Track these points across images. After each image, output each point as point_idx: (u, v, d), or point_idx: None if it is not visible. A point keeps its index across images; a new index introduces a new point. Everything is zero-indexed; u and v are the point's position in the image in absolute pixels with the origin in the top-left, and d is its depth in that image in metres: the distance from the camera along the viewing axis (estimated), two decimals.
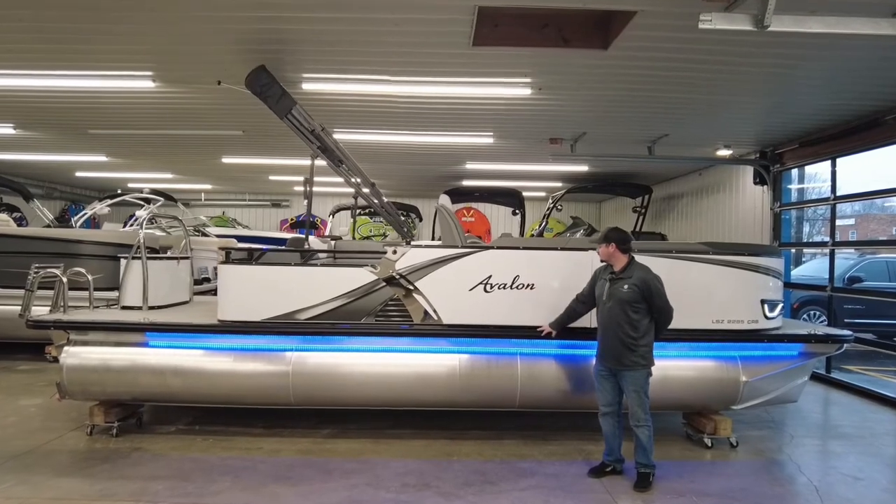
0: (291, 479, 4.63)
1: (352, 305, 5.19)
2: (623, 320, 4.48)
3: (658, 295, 4.46)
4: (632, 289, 4.46)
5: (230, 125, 9.22)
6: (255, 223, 19.20)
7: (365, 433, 5.68)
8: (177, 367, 5.36)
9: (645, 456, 4.55)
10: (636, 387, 4.50)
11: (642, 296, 4.45)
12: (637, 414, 4.51)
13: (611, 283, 4.60)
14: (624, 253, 4.60)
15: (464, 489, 4.47)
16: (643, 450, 4.55)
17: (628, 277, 4.51)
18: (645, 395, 4.51)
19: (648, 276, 4.50)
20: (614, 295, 4.54)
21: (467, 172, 13.10)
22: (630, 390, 4.53)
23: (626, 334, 4.47)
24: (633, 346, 4.47)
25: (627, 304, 4.47)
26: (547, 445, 5.44)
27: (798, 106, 7.52)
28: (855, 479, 4.73)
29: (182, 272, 7.02)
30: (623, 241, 4.60)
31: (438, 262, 5.20)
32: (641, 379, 4.50)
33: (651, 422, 4.54)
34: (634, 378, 4.50)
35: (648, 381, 4.54)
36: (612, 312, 4.53)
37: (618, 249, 4.58)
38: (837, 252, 8.78)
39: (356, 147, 10.28)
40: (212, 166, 13.46)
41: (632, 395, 4.52)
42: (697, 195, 12.40)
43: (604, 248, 4.63)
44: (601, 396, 4.73)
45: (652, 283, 4.45)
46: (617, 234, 4.64)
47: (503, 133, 9.16)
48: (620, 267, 4.59)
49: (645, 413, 4.50)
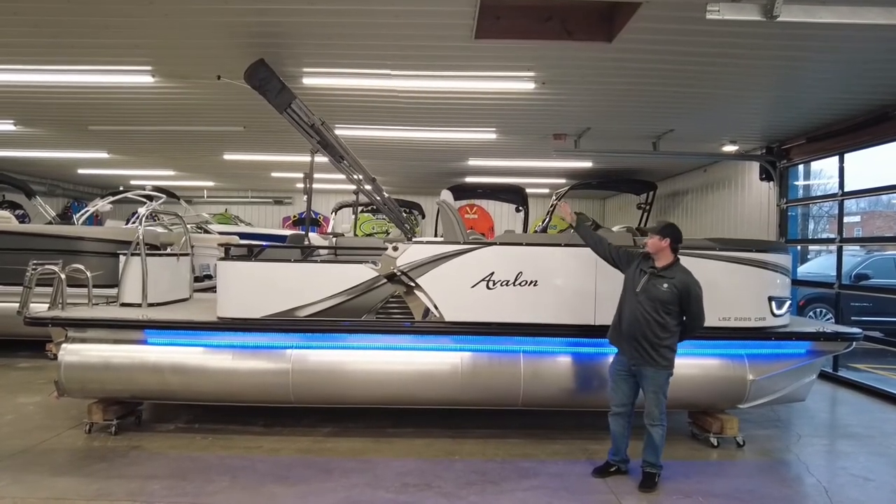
0: (290, 478, 4.56)
1: (352, 303, 5.12)
2: (652, 319, 4.34)
3: (696, 301, 4.33)
4: (671, 290, 4.31)
5: (231, 121, 9.16)
6: (258, 220, 19.17)
7: (366, 432, 5.61)
8: (175, 364, 5.31)
9: (654, 455, 4.47)
10: (656, 387, 4.40)
11: (679, 298, 4.31)
12: (653, 413, 4.42)
13: (650, 277, 4.43)
14: (673, 252, 4.46)
15: (465, 489, 4.39)
16: (653, 449, 4.46)
17: (670, 277, 4.34)
18: (663, 395, 4.41)
19: (690, 280, 4.35)
20: (650, 291, 4.38)
21: (470, 169, 13.01)
22: (649, 390, 4.43)
23: (653, 333, 4.34)
24: (658, 345, 4.34)
25: (661, 303, 4.32)
26: (550, 445, 5.36)
27: (806, 100, 7.40)
28: (865, 480, 4.63)
29: (182, 269, 6.97)
30: (678, 240, 4.46)
31: (440, 258, 5.12)
32: (662, 379, 4.39)
33: (666, 422, 4.45)
34: (655, 378, 4.39)
35: (668, 382, 4.42)
36: (643, 307, 4.38)
37: (670, 247, 4.42)
38: (844, 249, 8.67)
39: (357, 143, 10.20)
40: (214, 163, 13.41)
41: (650, 395, 4.43)
42: (702, 191, 12.29)
43: (656, 241, 4.42)
44: (615, 396, 4.62)
45: (692, 289, 4.32)
46: (675, 231, 4.47)
47: (506, 128, 9.07)
48: (664, 264, 4.43)
49: (661, 413, 4.41)
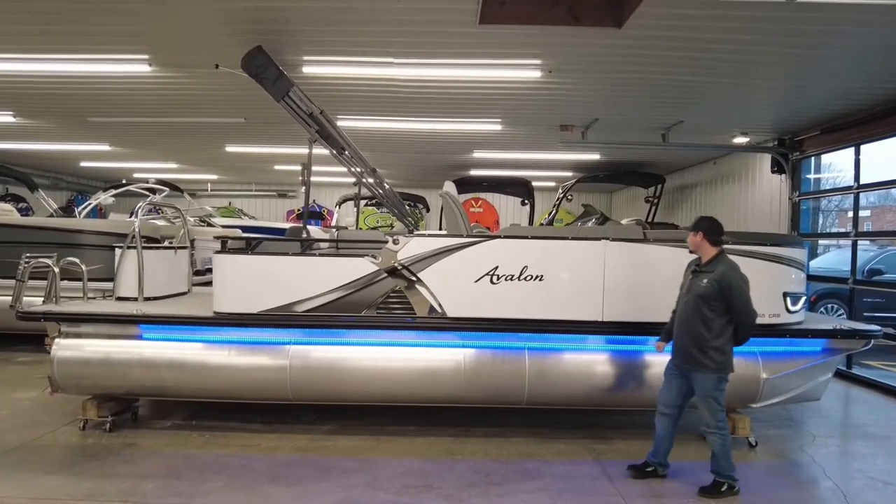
0: (287, 478, 4.43)
1: (352, 297, 4.96)
2: (697, 317, 4.15)
3: (738, 294, 4.07)
4: (710, 284, 4.10)
5: (231, 112, 9.01)
6: (262, 213, 19.07)
7: (366, 430, 5.47)
8: (171, 360, 5.18)
9: (717, 463, 4.22)
10: (705, 393, 4.17)
11: (720, 293, 4.07)
12: (706, 419, 4.20)
13: (693, 275, 4.28)
14: (713, 245, 4.23)
15: (467, 491, 4.24)
16: (716, 458, 4.22)
17: (710, 272, 4.15)
18: (716, 402, 4.16)
19: (731, 272, 4.11)
20: (692, 288, 4.23)
21: (475, 162, 12.83)
22: (699, 395, 4.21)
23: (698, 333, 4.14)
24: (705, 346, 4.13)
25: (703, 300, 4.13)
26: (555, 444, 5.20)
27: (821, 89, 7.16)
28: (885, 485, 4.44)
29: (180, 262, 6.83)
30: (713, 231, 4.24)
31: (442, 252, 4.96)
32: (711, 385, 4.15)
33: (725, 429, 4.18)
34: (703, 383, 4.17)
35: (721, 387, 4.17)
36: (688, 307, 4.23)
37: (705, 239, 4.22)
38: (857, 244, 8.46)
39: (360, 135, 10.04)
40: (216, 155, 13.29)
41: (700, 400, 4.22)
42: (712, 185, 12.05)
43: (692, 237, 4.28)
44: (663, 395, 4.45)
45: (733, 281, 4.07)
46: (707, 223, 4.28)
47: (512, 119, 8.87)
48: (706, 259, 4.24)
49: (716, 420, 4.16)
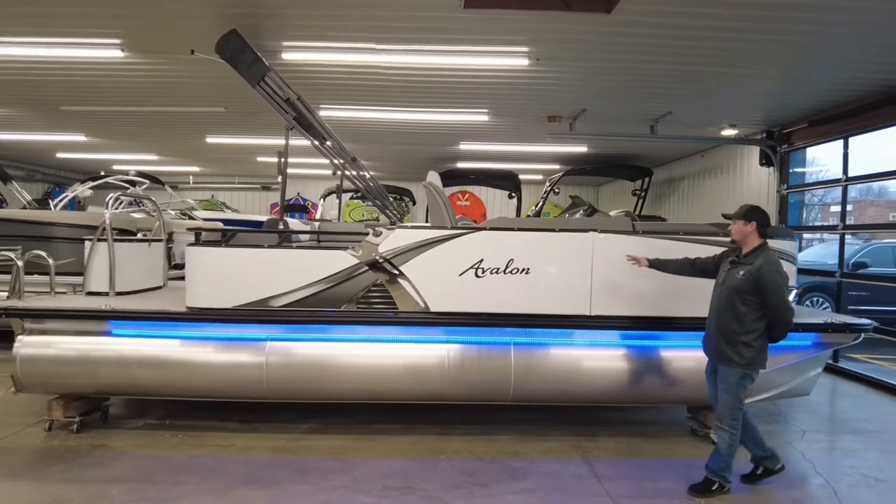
0: (263, 480, 4.24)
1: (330, 292, 4.77)
2: (729, 310, 4.01)
3: (774, 290, 3.88)
4: (746, 277, 3.94)
5: (211, 101, 8.75)
6: (245, 206, 18.75)
7: (347, 428, 5.28)
8: (143, 357, 4.95)
9: (716, 461, 4.10)
10: (726, 385, 4.04)
11: (756, 286, 3.90)
12: (720, 414, 4.08)
13: (731, 266, 4.12)
14: (761, 237, 4.05)
15: (451, 492, 4.08)
16: (717, 455, 4.10)
17: (748, 264, 3.98)
18: (736, 398, 4.01)
19: (769, 266, 3.91)
20: (728, 280, 4.07)
21: (462, 154, 12.64)
22: (720, 388, 4.09)
23: (729, 326, 4.01)
24: (734, 340, 3.99)
25: (737, 293, 3.97)
26: (542, 442, 5.06)
27: (811, 80, 7.07)
28: (877, 481, 4.35)
29: (155, 255, 6.59)
30: (765, 223, 4.06)
31: (425, 244, 4.77)
32: (734, 379, 4.00)
33: (737, 430, 4.03)
34: (727, 376, 4.03)
35: (744, 384, 4.01)
36: (722, 299, 4.09)
37: (757, 230, 4.03)
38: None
39: (344, 125, 9.82)
40: (196, 147, 12.98)
41: (721, 395, 4.08)
42: (699, 177, 11.97)
43: (741, 226, 4.05)
44: (710, 397, 4.33)
45: (769, 275, 3.88)
46: (762, 214, 4.07)
47: (499, 110, 8.69)
48: (748, 250, 4.06)
49: (731, 418, 4.02)
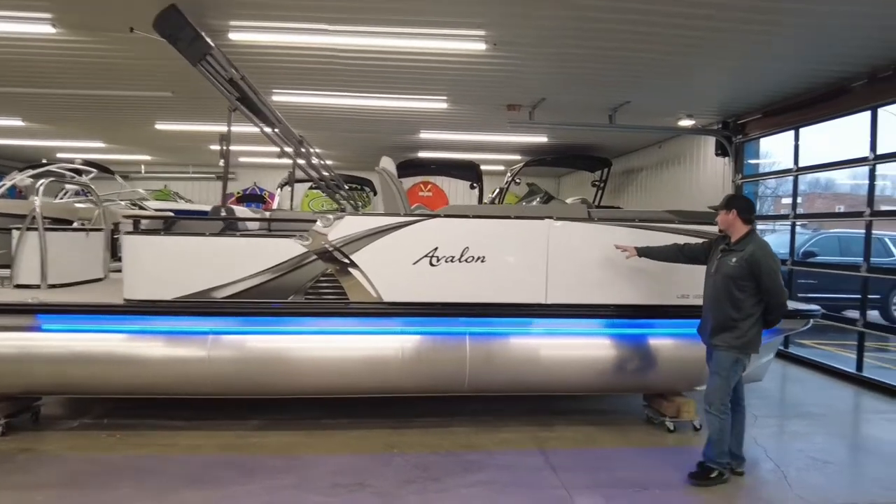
0: (205, 481, 4.02)
1: (277, 282, 4.55)
2: (726, 297, 4.02)
3: (768, 274, 3.91)
4: (739, 263, 3.96)
5: (156, 85, 8.32)
6: (201, 197, 18.11)
7: (298, 424, 5.09)
8: (76, 353, 4.64)
9: (711, 450, 4.09)
10: (717, 367, 4.05)
11: (750, 272, 3.93)
12: (710, 398, 4.07)
13: (722, 254, 4.14)
14: (745, 223, 4.08)
15: (403, 488, 3.94)
16: (710, 443, 4.09)
17: (739, 251, 4.01)
18: (727, 382, 4.02)
19: (761, 251, 3.96)
20: (721, 268, 4.09)
21: (422, 142, 12.44)
22: (712, 371, 4.09)
23: (726, 313, 4.02)
24: (731, 326, 4.00)
25: (732, 280, 3.99)
26: (499, 433, 4.97)
27: (765, 72, 7.14)
28: (824, 463, 4.41)
29: (94, 246, 6.23)
30: (746, 209, 4.11)
31: (377, 232, 4.60)
32: (727, 362, 4.01)
33: (726, 415, 4.04)
34: (720, 360, 4.04)
35: (737, 369, 4.03)
36: (717, 287, 4.10)
37: (738, 217, 4.07)
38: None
39: (298, 111, 9.51)
40: (146, 134, 12.40)
41: (712, 376, 4.09)
42: (657, 168, 12.10)
43: (723, 215, 4.12)
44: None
45: (762, 260, 3.91)
46: (740, 201, 4.14)
47: (458, 97, 8.54)
48: (737, 238, 4.09)
49: (720, 402, 4.02)
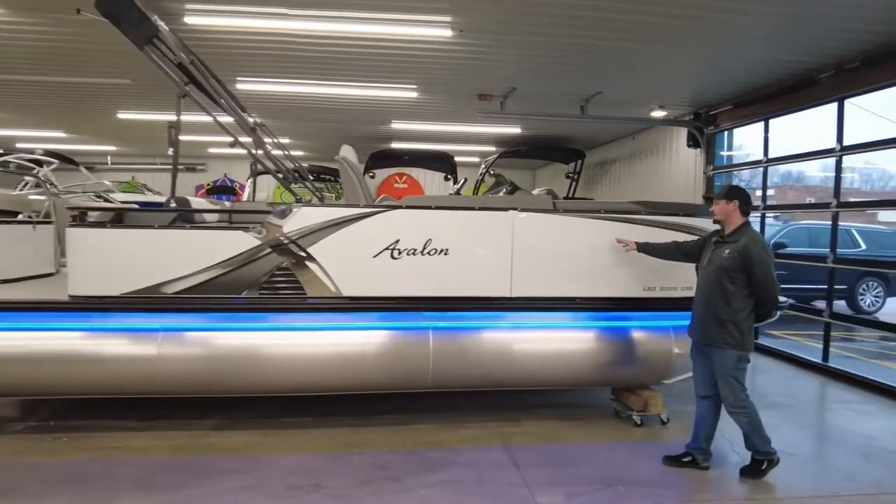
0: (153, 485, 3.83)
1: (230, 276, 4.35)
2: (716, 290, 3.96)
3: (760, 265, 3.84)
4: (732, 255, 3.90)
5: (114, 72, 7.99)
6: (169, 189, 17.63)
7: (256, 423, 4.91)
8: (18, 353, 4.39)
9: (751, 443, 4.04)
10: (724, 372, 3.96)
11: (742, 264, 3.87)
12: (728, 400, 3.99)
13: (715, 246, 4.09)
14: (742, 215, 4.02)
15: (361, 489, 3.80)
16: (748, 437, 4.04)
17: (733, 242, 3.96)
18: (737, 381, 3.96)
19: (754, 243, 3.90)
20: (713, 260, 4.03)
21: (395, 133, 12.25)
22: (719, 375, 4.00)
23: (717, 307, 3.95)
24: (723, 321, 3.93)
25: (724, 271, 3.93)
26: (463, 429, 4.85)
27: (735, 62, 7.11)
28: (789, 456, 4.36)
29: (44, 239, 5.96)
30: (747, 202, 4.04)
31: (335, 224, 4.42)
32: (730, 363, 3.94)
33: (749, 405, 3.98)
34: (722, 361, 3.96)
35: (741, 366, 3.98)
36: (708, 280, 4.04)
37: (739, 209, 4.00)
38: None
39: (264, 100, 9.26)
40: (108, 123, 11.99)
41: (720, 381, 4.00)
42: (630, 160, 12.08)
43: (723, 205, 4.03)
44: (695, 380, 4.29)
45: (755, 251, 3.85)
46: (742, 193, 4.06)
47: (427, 85, 8.36)
48: (731, 229, 4.04)
49: (738, 400, 3.96)
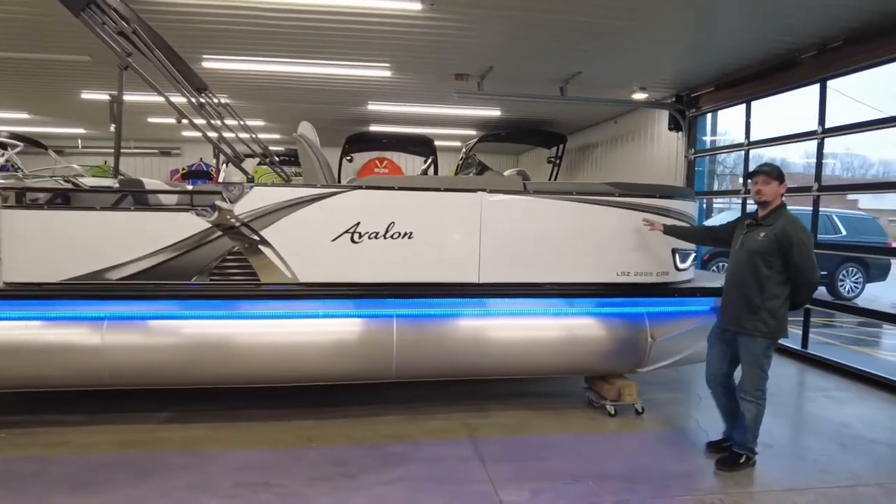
0: (92, 484, 3.57)
1: (178, 261, 4.07)
2: (750, 275, 3.76)
3: (799, 249, 3.63)
4: (768, 238, 3.70)
5: (71, 48, 7.58)
6: (143, 173, 17.19)
7: (212, 416, 4.66)
8: None
9: (742, 434, 3.91)
10: (752, 359, 3.81)
11: (779, 248, 3.67)
12: (746, 386, 3.85)
13: (748, 229, 3.88)
14: (780, 197, 3.82)
15: (312, 487, 3.58)
16: (742, 428, 3.91)
17: (768, 225, 3.75)
18: (762, 370, 3.81)
19: (793, 225, 3.69)
20: (747, 244, 3.83)
21: (372, 115, 11.91)
22: (744, 361, 3.86)
23: (750, 292, 3.76)
24: (756, 308, 3.74)
25: (759, 255, 3.73)
26: (429, 421, 4.64)
27: (716, 42, 6.89)
28: (765, 447, 4.20)
29: None
30: (784, 180, 3.83)
31: (291, 205, 4.15)
32: (759, 351, 3.78)
33: (763, 400, 3.85)
34: (751, 349, 3.80)
35: (769, 354, 3.81)
36: (741, 264, 3.84)
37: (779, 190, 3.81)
38: (747, 203, 8.53)
39: (233, 80, 8.90)
40: (73, 104, 11.50)
41: (745, 367, 3.86)
42: (612, 144, 11.87)
43: (775, 187, 3.78)
44: (708, 364, 4.17)
45: (794, 234, 3.64)
46: (780, 171, 3.82)
47: (401, 64, 8.04)
48: (767, 211, 3.82)
49: (756, 388, 3.82)
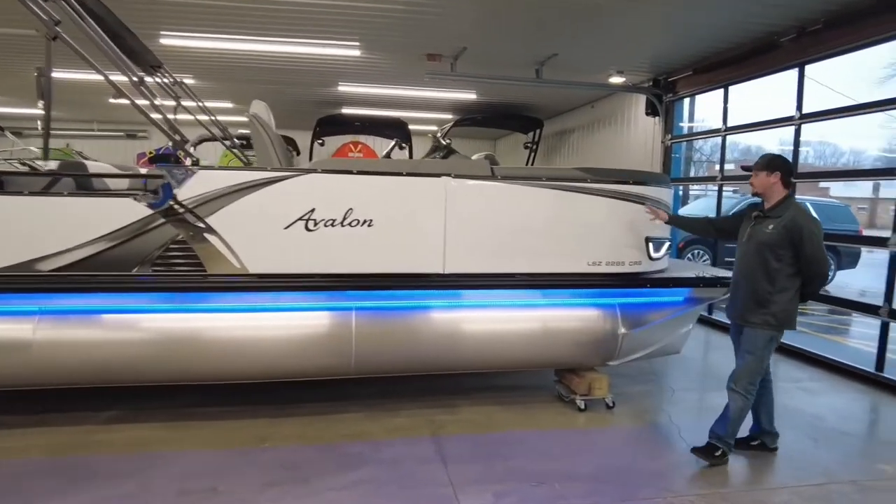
0: (18, 494, 3.27)
1: (117, 251, 3.75)
2: (760, 267, 3.65)
3: (810, 240, 3.52)
4: (777, 230, 3.59)
5: (13, 20, 7.10)
6: (108, 157, 16.49)
7: (162, 414, 4.38)
8: None
9: (722, 426, 3.79)
10: (751, 348, 3.71)
11: (789, 239, 3.55)
12: (739, 376, 3.74)
13: (755, 221, 3.76)
14: (785, 187, 3.70)
15: (263, 492, 3.33)
16: (725, 420, 3.78)
17: (776, 217, 3.64)
18: (760, 362, 3.71)
19: (802, 216, 3.58)
20: (755, 236, 3.71)
21: (343, 97, 11.55)
22: (743, 350, 3.76)
23: (759, 286, 3.65)
24: (765, 301, 3.63)
25: (768, 248, 3.62)
26: (393, 418, 4.42)
27: (694, 25, 6.71)
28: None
29: None
30: (789, 172, 3.71)
31: (239, 189, 3.85)
32: (761, 342, 3.68)
33: (752, 395, 3.75)
34: (753, 338, 3.70)
35: (771, 347, 3.71)
36: (749, 257, 3.74)
37: (781, 180, 3.67)
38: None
39: (198, 58, 8.52)
40: (26, 82, 10.92)
41: (744, 355, 3.75)
42: (589, 129, 11.69)
43: (763, 178, 3.70)
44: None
45: (805, 225, 3.53)
46: (785, 162, 3.72)
47: (371, 42, 7.71)
48: (773, 203, 3.70)
49: (749, 382, 3.71)
